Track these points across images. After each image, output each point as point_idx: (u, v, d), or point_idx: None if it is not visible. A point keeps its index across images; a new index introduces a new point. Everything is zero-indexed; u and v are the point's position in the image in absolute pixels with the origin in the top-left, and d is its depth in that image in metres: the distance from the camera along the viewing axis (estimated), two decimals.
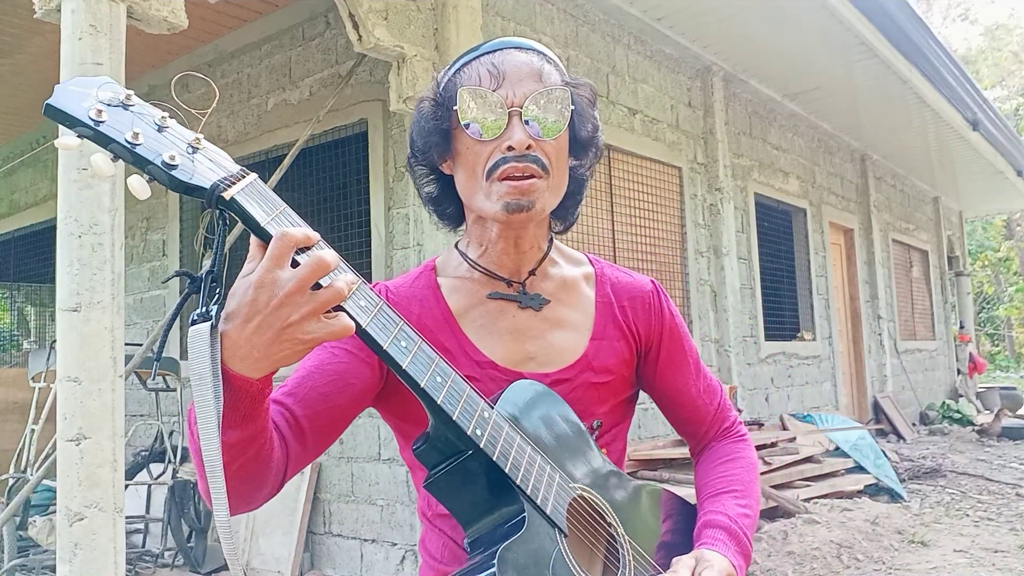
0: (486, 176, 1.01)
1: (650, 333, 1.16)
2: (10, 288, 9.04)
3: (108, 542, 2.46)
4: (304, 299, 0.74)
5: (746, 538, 1.07)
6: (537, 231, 1.11)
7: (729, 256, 6.42)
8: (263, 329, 0.75)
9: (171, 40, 3.94)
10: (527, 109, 1.00)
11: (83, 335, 2.48)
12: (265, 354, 0.76)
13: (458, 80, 1.04)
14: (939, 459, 7.53)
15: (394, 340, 0.82)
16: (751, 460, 1.19)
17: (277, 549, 4.53)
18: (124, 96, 0.79)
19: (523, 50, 1.06)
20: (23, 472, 4.73)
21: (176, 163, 0.77)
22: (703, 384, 1.20)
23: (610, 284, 1.17)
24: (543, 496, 0.91)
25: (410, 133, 1.11)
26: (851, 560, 4.44)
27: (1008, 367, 23.59)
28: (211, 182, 0.78)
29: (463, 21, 4.09)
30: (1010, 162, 10.30)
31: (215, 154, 0.82)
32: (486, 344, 1.08)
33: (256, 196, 0.79)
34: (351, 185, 4.78)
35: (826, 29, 5.88)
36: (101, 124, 0.76)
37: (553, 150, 1.03)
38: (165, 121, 0.81)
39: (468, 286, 1.11)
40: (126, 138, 0.77)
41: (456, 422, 0.85)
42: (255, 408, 0.81)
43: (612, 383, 1.11)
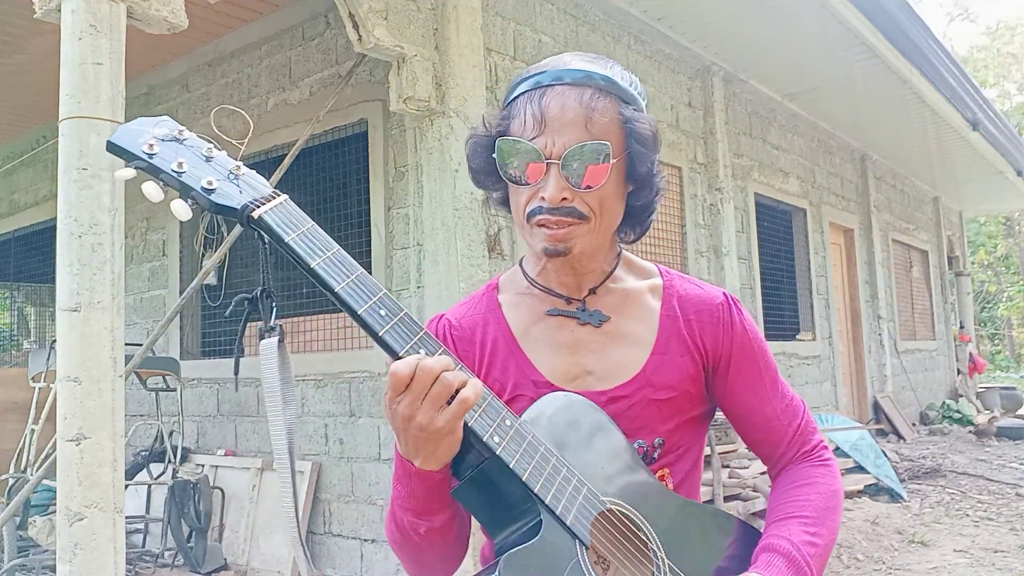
0: (526, 219, 1.03)
1: (718, 348, 1.11)
2: (10, 288, 9.04)
3: (108, 542, 2.46)
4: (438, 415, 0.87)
5: (808, 567, 1.00)
6: (595, 255, 1.09)
7: (729, 256, 6.42)
8: (412, 438, 0.88)
9: (171, 40, 3.93)
10: (566, 162, 0.99)
11: (83, 335, 2.48)
12: (423, 450, 0.89)
13: (509, 114, 1.05)
14: (939, 459, 7.53)
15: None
16: (831, 488, 1.11)
17: (277, 549, 4.53)
18: (177, 131, 0.92)
19: (576, 87, 1.02)
20: (23, 472, 4.73)
21: (214, 187, 0.90)
22: (781, 404, 1.14)
23: (677, 297, 1.13)
24: (564, 507, 0.91)
25: (467, 156, 1.14)
26: (851, 560, 4.44)
27: (1008, 367, 23.58)
28: (242, 203, 0.89)
29: (463, 21, 4.08)
30: (1010, 162, 10.29)
31: (252, 179, 0.93)
32: (544, 361, 1.08)
33: (283, 215, 0.90)
34: (351, 185, 4.78)
35: (826, 29, 5.88)
36: (153, 157, 0.90)
37: (594, 198, 1.02)
38: (211, 152, 0.93)
39: (528, 302, 1.12)
40: (172, 168, 0.90)
41: (472, 427, 0.88)
42: (442, 494, 0.95)
43: (675, 400, 1.08)
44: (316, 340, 4.90)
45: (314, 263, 0.89)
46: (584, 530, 0.91)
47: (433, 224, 4.00)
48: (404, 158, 4.36)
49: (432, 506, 0.95)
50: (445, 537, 1.00)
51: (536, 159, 1.00)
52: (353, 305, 0.88)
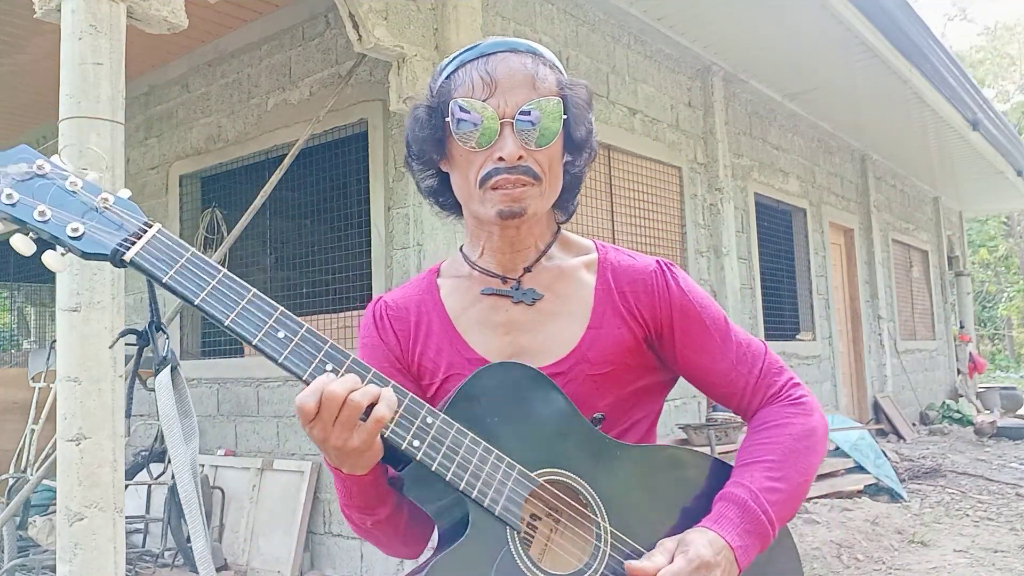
0: (479, 184, 1.03)
1: (656, 315, 1.10)
2: (10, 288, 9.04)
3: (108, 542, 2.46)
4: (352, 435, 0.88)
5: (764, 515, 0.99)
6: (533, 229, 1.11)
7: (729, 256, 6.42)
8: (332, 456, 0.90)
9: (171, 40, 3.93)
10: (519, 119, 1.01)
11: (83, 335, 2.48)
12: (347, 462, 0.91)
13: (452, 85, 1.05)
14: (939, 459, 7.53)
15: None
16: (804, 426, 1.07)
17: (277, 549, 4.53)
18: (36, 166, 0.84)
19: (518, 53, 1.05)
20: (23, 472, 4.73)
21: (80, 234, 0.83)
22: (734, 354, 1.11)
23: (611, 270, 1.13)
24: (492, 498, 0.91)
25: (405, 135, 1.13)
26: (851, 560, 4.44)
27: (1008, 367, 23.58)
28: (111, 248, 0.83)
29: (463, 21, 4.08)
30: (1010, 162, 10.29)
31: (122, 210, 0.86)
32: (479, 341, 1.08)
33: (156, 252, 0.85)
34: (351, 185, 4.78)
35: (826, 29, 5.88)
36: (15, 207, 0.81)
37: (545, 157, 1.04)
38: (75, 184, 0.86)
39: (465, 285, 1.13)
40: (34, 217, 0.82)
41: (388, 438, 0.88)
42: (379, 491, 0.99)
43: (613, 373, 1.07)
44: None
45: (197, 299, 0.85)
46: (515, 516, 0.92)
47: (433, 224, 4.00)
48: (404, 158, 4.35)
49: (371, 502, 0.99)
50: (395, 526, 1.03)
51: (491, 119, 1.00)
52: (247, 336, 0.85)
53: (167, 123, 5.90)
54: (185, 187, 5.76)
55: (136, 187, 5.97)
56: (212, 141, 5.52)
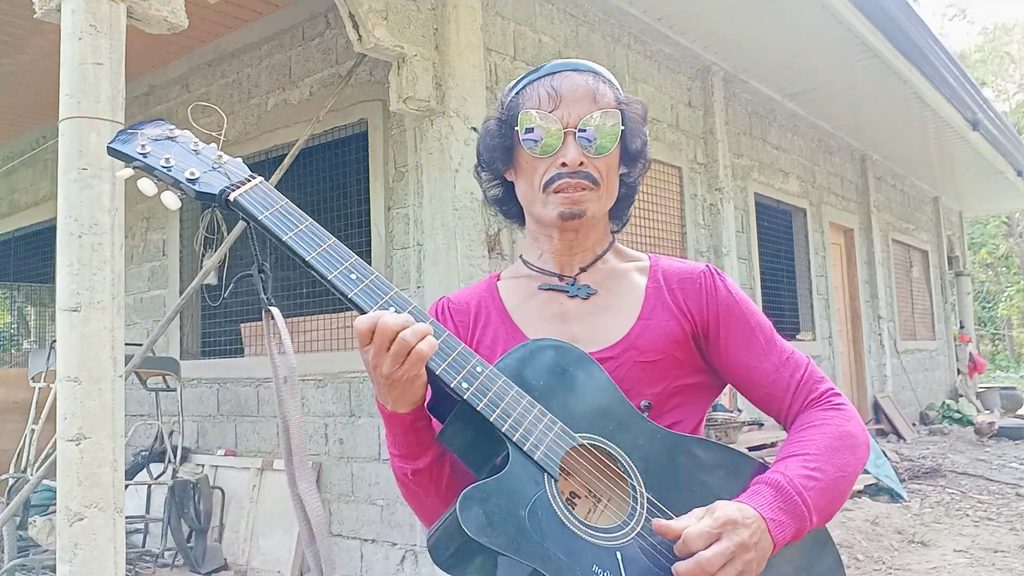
0: (543, 188, 1.14)
1: (704, 312, 1.16)
2: (10, 288, 9.04)
3: (108, 542, 2.46)
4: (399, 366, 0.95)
5: (799, 495, 1.01)
6: (591, 234, 1.20)
7: (729, 256, 6.42)
8: (379, 386, 0.97)
9: (171, 40, 3.93)
10: (582, 129, 1.12)
11: (83, 335, 2.48)
12: (392, 394, 0.97)
13: (520, 99, 1.16)
14: (939, 459, 7.53)
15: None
16: (841, 428, 1.10)
17: (277, 549, 4.53)
18: (169, 131, 1.05)
19: (580, 72, 1.16)
20: (23, 472, 4.73)
21: (196, 177, 1.01)
22: (780, 358, 1.16)
23: (662, 271, 1.21)
24: (532, 444, 0.96)
25: (477, 146, 1.24)
26: (851, 560, 4.44)
27: (1008, 367, 23.58)
28: (219, 188, 1.00)
29: (463, 21, 4.08)
30: (1010, 162, 10.29)
31: (234, 166, 1.04)
32: (533, 330, 1.16)
33: (256, 196, 1.01)
34: (351, 185, 4.78)
35: (826, 29, 5.88)
36: (147, 156, 1.02)
37: (604, 165, 1.14)
38: (198, 146, 1.05)
39: (524, 283, 1.23)
40: (160, 164, 1.01)
41: (439, 375, 0.96)
42: (421, 435, 1.03)
43: (662, 362, 1.13)
44: (316, 340, 4.90)
45: (286, 236, 0.98)
46: (553, 464, 0.97)
47: (433, 224, 4.00)
48: (404, 158, 4.36)
49: (413, 449, 1.04)
50: (435, 480, 1.06)
51: (556, 128, 1.11)
52: (323, 272, 0.97)
53: None
54: None
55: (136, 187, 5.96)
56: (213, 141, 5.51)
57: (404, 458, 1.05)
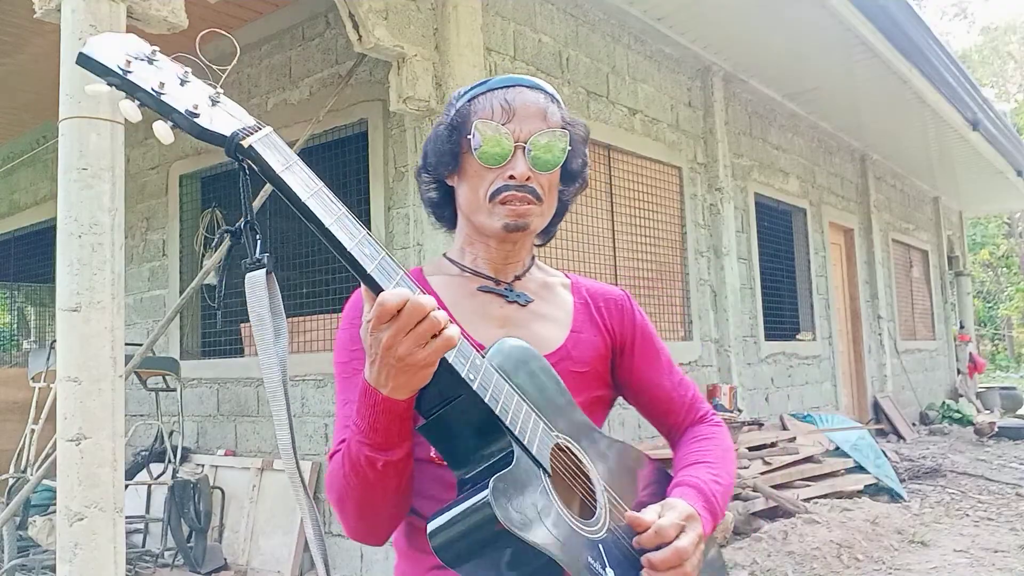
0: (489, 198, 1.16)
1: (623, 332, 1.28)
2: (10, 288, 9.04)
3: (108, 542, 2.46)
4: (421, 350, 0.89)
5: (715, 499, 1.15)
6: (526, 245, 1.25)
7: (729, 256, 6.41)
8: (387, 368, 0.90)
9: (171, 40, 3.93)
10: (531, 145, 1.15)
11: (83, 335, 2.48)
12: (397, 380, 0.91)
13: (473, 108, 1.18)
14: (939, 459, 7.53)
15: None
16: (726, 442, 1.29)
17: (277, 549, 4.53)
18: (150, 51, 0.87)
19: (532, 89, 1.20)
20: (23, 472, 4.73)
21: (199, 112, 0.85)
22: (676, 378, 1.32)
23: (585, 289, 1.30)
24: (529, 437, 0.98)
25: (424, 148, 1.25)
26: (851, 560, 4.44)
27: (1008, 367, 23.58)
28: (231, 130, 0.86)
29: (463, 21, 4.08)
30: (1010, 162, 10.29)
31: (234, 108, 0.90)
32: (476, 330, 1.16)
33: (272, 146, 0.88)
34: (351, 185, 4.78)
35: (826, 29, 5.88)
36: (130, 74, 0.83)
37: (547, 181, 1.18)
38: (188, 76, 0.88)
39: (459, 282, 1.24)
40: (152, 87, 0.84)
41: (452, 364, 0.92)
42: (405, 425, 0.98)
43: (588, 374, 1.21)
44: (316, 340, 4.90)
45: (304, 197, 0.88)
46: (546, 459, 1.00)
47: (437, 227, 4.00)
48: (404, 158, 4.36)
49: (391, 439, 0.98)
50: (400, 476, 1.02)
51: (507, 141, 1.14)
52: (343, 241, 0.88)
53: None
54: (185, 187, 5.76)
55: (136, 187, 5.97)
56: None
57: (379, 448, 0.98)
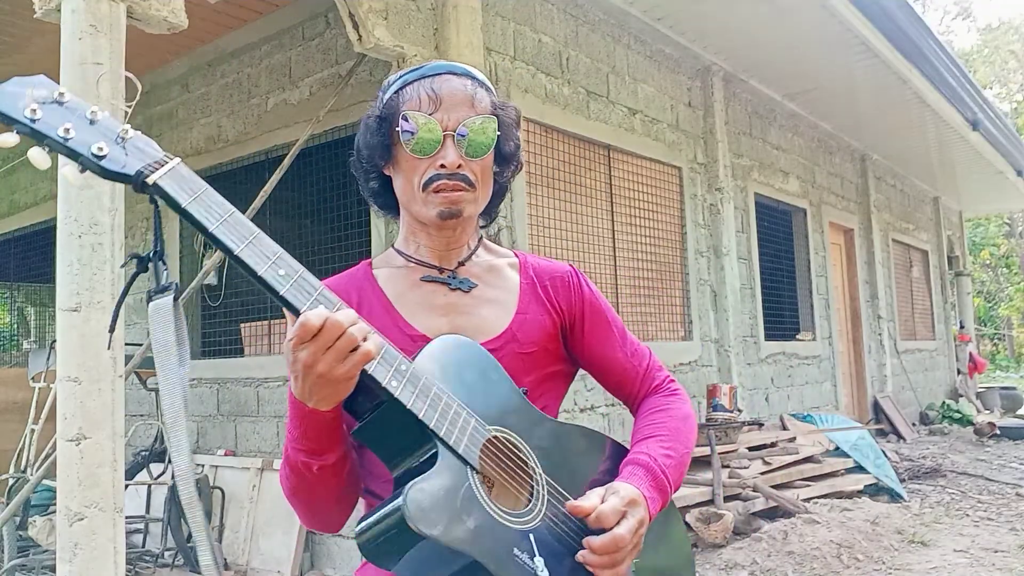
0: (422, 188, 1.17)
1: (571, 308, 1.28)
2: (10, 288, 9.04)
3: (108, 542, 2.46)
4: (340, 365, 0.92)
5: (663, 474, 1.17)
6: (467, 230, 1.26)
7: (729, 256, 6.41)
8: (310, 383, 0.93)
9: (171, 40, 3.93)
10: (460, 133, 1.16)
11: (83, 335, 2.48)
12: (319, 393, 0.94)
13: (400, 99, 1.19)
14: (939, 459, 7.53)
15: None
16: (681, 410, 1.29)
17: (277, 549, 4.53)
18: (57, 93, 0.89)
19: (458, 75, 1.21)
20: (23, 472, 4.73)
21: (104, 153, 0.88)
22: (629, 349, 1.32)
23: (532, 268, 1.30)
24: (456, 438, 1.01)
25: (356, 140, 1.26)
26: (851, 560, 4.44)
27: (1008, 367, 23.58)
28: (136, 169, 0.89)
29: (463, 21, 4.08)
30: (1010, 162, 10.29)
31: (142, 142, 0.92)
32: (419, 321, 1.20)
33: (177, 179, 0.90)
34: (351, 185, 4.77)
35: (826, 29, 5.88)
36: (36, 122, 0.86)
37: (479, 167, 1.19)
38: (96, 115, 0.90)
39: (402, 273, 1.25)
40: (58, 133, 0.87)
41: (372, 375, 0.95)
42: (334, 432, 1.03)
43: (536, 354, 1.23)
44: None
45: (212, 227, 0.90)
46: (474, 457, 1.02)
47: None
48: None
49: (323, 445, 1.03)
50: (338, 476, 1.07)
51: (435, 131, 1.15)
52: (253, 266, 0.90)
53: (167, 123, 5.90)
54: None
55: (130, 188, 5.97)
56: (212, 141, 5.52)
57: (312, 453, 1.04)
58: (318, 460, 1.04)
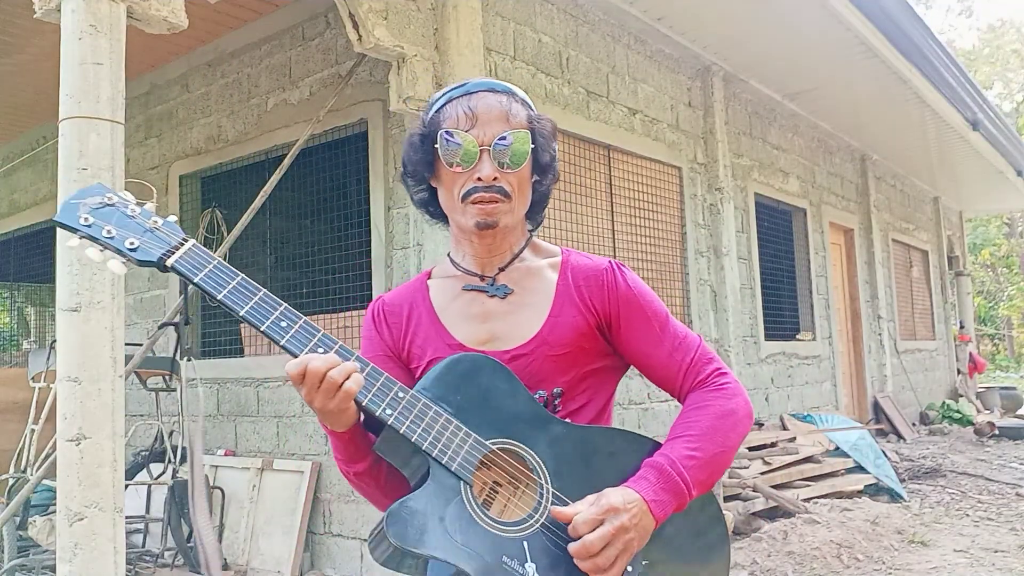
0: (461, 199, 1.26)
1: (606, 307, 1.30)
2: (10, 288, 9.04)
3: (108, 542, 2.46)
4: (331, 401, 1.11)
5: (679, 476, 1.18)
6: (508, 237, 1.33)
7: (729, 256, 6.41)
8: (316, 413, 1.13)
9: (171, 40, 3.93)
10: (495, 147, 1.23)
11: (83, 335, 2.48)
12: (328, 420, 1.14)
13: (440, 117, 1.28)
14: (939, 459, 7.53)
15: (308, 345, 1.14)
16: (721, 407, 1.26)
17: (277, 549, 4.53)
18: (107, 197, 1.13)
19: (496, 92, 1.28)
20: (23, 472, 4.73)
21: (136, 247, 1.11)
22: (672, 343, 1.31)
23: (571, 268, 1.34)
24: (450, 456, 1.13)
25: (403, 156, 1.35)
26: (851, 560, 4.44)
27: (1008, 367, 23.57)
28: (158, 255, 1.11)
29: (463, 21, 4.08)
30: (1010, 162, 10.29)
31: (169, 229, 1.14)
32: (459, 329, 1.30)
33: (191, 258, 1.11)
34: (351, 185, 4.78)
35: (826, 29, 5.88)
36: (90, 227, 1.10)
37: (515, 179, 1.26)
38: (135, 210, 1.14)
39: (451, 283, 1.35)
40: (103, 235, 1.10)
41: (365, 406, 1.11)
42: (358, 446, 1.20)
43: (570, 354, 1.28)
44: None
45: (220, 295, 1.09)
46: (468, 472, 1.13)
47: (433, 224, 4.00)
48: None
49: (352, 456, 1.21)
50: (375, 478, 1.24)
51: (472, 146, 1.23)
52: (257, 324, 1.09)
53: (167, 123, 5.91)
54: (185, 187, 5.76)
55: (135, 186, 5.97)
56: (212, 141, 5.52)
57: (346, 462, 1.22)
58: (352, 467, 1.22)
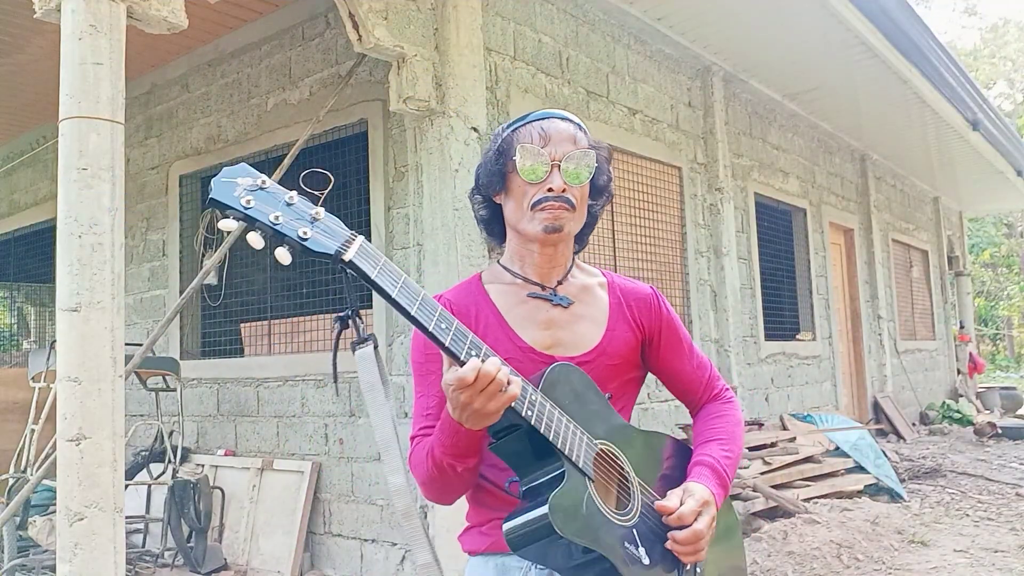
0: (531, 207, 1.41)
1: (651, 326, 1.52)
2: (10, 288, 9.04)
3: (108, 542, 2.46)
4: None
5: (725, 474, 1.45)
6: (564, 250, 1.48)
7: (729, 256, 6.41)
8: (466, 415, 1.20)
9: (171, 40, 3.94)
10: (565, 163, 1.40)
11: (83, 335, 2.48)
12: (473, 420, 1.20)
13: (516, 136, 1.44)
14: (939, 459, 7.53)
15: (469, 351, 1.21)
16: (735, 417, 1.56)
17: (277, 549, 4.53)
18: (260, 181, 1.07)
19: (564, 120, 1.46)
20: (23, 472, 4.73)
21: (308, 237, 1.06)
22: (696, 362, 1.58)
23: (620, 289, 1.54)
24: (576, 454, 1.26)
25: (476, 172, 1.51)
26: (851, 560, 4.44)
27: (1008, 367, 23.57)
28: (334, 249, 1.08)
29: (463, 21, 4.08)
30: (1010, 162, 10.29)
31: (332, 222, 1.11)
32: (526, 333, 1.43)
33: (365, 255, 1.09)
34: (351, 185, 4.78)
35: (826, 29, 5.88)
36: (250, 210, 1.04)
37: (579, 193, 1.43)
38: (293, 199, 1.08)
39: (511, 290, 1.47)
40: (269, 219, 1.05)
41: (514, 407, 1.19)
42: (479, 444, 1.30)
43: (621, 365, 1.47)
44: (316, 340, 4.90)
45: (393, 293, 1.10)
46: (590, 469, 1.28)
47: (433, 224, 4.00)
48: (404, 158, 4.36)
49: (469, 452, 1.30)
50: (474, 474, 1.36)
51: (545, 161, 1.40)
52: (424, 323, 1.13)
53: (167, 123, 5.91)
54: (185, 187, 5.76)
55: (136, 187, 5.97)
56: (212, 141, 5.52)
57: (458, 458, 1.30)
58: (463, 463, 1.30)
